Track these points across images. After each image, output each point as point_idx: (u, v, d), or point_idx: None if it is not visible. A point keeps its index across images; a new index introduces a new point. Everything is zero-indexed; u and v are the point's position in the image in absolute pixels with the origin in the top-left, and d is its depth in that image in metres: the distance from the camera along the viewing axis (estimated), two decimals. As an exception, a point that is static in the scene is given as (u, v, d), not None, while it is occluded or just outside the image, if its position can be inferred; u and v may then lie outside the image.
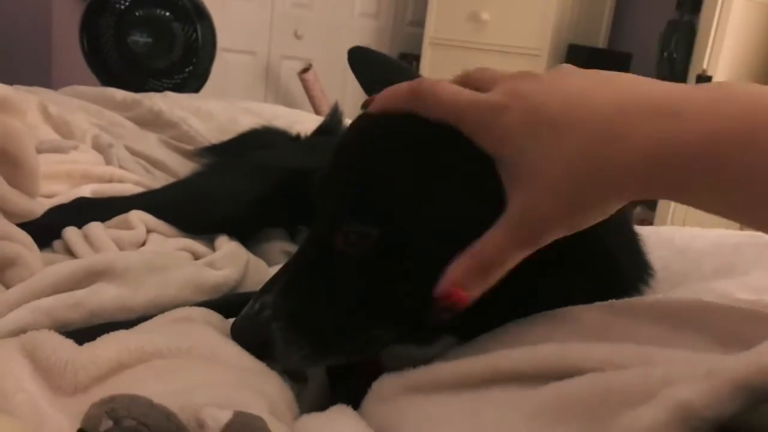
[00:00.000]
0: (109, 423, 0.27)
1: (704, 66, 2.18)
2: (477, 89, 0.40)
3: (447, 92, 0.39)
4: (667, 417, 0.24)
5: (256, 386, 0.39)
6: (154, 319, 0.50)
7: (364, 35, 3.31)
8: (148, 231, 0.73)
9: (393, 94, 0.42)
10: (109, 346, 0.39)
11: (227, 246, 0.71)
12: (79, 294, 0.52)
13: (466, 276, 0.38)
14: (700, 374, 0.24)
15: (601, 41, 3.13)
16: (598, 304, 0.40)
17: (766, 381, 0.23)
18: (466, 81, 0.41)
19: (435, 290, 0.39)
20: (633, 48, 3.05)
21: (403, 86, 0.42)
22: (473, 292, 0.38)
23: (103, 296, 0.53)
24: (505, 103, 0.37)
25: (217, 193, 0.82)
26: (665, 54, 2.35)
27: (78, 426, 0.28)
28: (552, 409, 0.30)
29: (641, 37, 3.04)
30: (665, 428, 0.23)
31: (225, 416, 0.29)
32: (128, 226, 0.72)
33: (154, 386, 0.36)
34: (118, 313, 0.53)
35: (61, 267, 0.54)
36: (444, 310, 0.39)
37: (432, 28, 3.02)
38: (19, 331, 0.45)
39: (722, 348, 0.32)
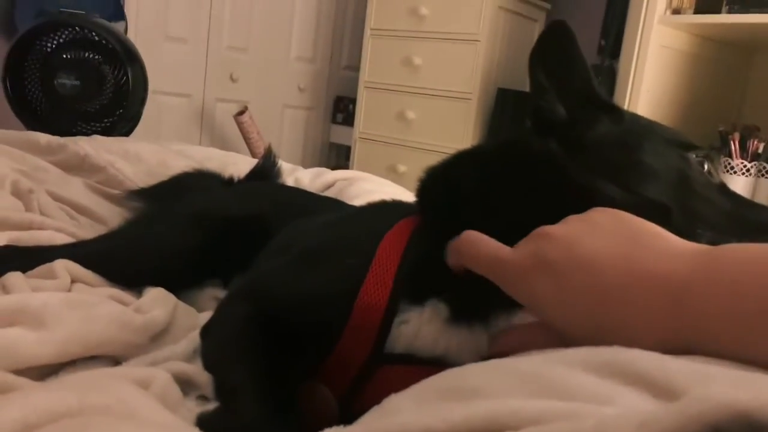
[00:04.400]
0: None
1: (625, 107, 2.28)
2: None
3: (483, 248, 0.46)
4: None
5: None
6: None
7: (300, 78, 3.34)
8: (73, 281, 0.69)
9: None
10: (14, 405, 0.36)
11: (153, 291, 0.69)
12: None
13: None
14: (632, 427, 0.24)
15: (528, 85, 3.24)
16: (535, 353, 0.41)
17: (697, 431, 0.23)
18: None
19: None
20: (560, 91, 3.16)
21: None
22: None
23: (19, 332, 0.51)
24: (529, 267, 0.42)
25: (151, 245, 0.80)
26: (589, 97, 2.45)
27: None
28: None
29: (567, 81, 3.15)
30: None
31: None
32: (52, 276, 0.68)
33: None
34: (37, 349, 0.50)
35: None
36: None
37: (367, 73, 3.07)
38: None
39: (655, 400, 0.31)
